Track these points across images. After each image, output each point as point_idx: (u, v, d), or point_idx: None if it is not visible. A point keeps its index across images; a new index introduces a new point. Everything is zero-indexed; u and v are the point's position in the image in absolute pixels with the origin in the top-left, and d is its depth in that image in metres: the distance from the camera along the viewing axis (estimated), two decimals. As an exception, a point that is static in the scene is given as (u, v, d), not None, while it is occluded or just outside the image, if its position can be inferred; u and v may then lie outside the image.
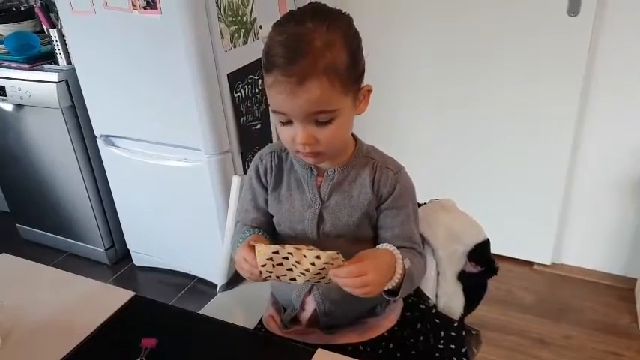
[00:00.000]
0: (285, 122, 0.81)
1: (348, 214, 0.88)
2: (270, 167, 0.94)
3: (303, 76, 0.74)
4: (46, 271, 1.05)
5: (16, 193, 2.33)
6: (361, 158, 0.90)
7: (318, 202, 0.89)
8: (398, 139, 2.03)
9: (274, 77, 0.76)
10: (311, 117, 0.78)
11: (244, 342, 0.79)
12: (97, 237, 2.17)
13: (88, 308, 0.90)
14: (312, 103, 0.76)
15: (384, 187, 0.88)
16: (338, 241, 0.90)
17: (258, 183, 0.96)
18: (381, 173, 0.88)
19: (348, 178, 0.89)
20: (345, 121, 0.82)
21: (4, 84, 1.97)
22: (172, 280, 2.08)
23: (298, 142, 0.80)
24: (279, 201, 0.93)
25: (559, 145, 1.81)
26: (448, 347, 0.97)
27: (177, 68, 1.62)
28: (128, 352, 0.79)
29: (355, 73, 0.80)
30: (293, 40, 0.75)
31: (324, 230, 0.90)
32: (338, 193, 0.89)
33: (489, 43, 1.78)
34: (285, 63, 0.74)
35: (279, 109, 0.79)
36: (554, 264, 2.03)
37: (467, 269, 1.06)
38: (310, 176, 0.90)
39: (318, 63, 0.74)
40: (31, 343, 0.84)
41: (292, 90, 0.75)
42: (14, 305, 0.88)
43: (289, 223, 0.93)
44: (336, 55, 0.75)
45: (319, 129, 0.79)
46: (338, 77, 0.76)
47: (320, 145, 0.80)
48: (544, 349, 1.67)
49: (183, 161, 1.81)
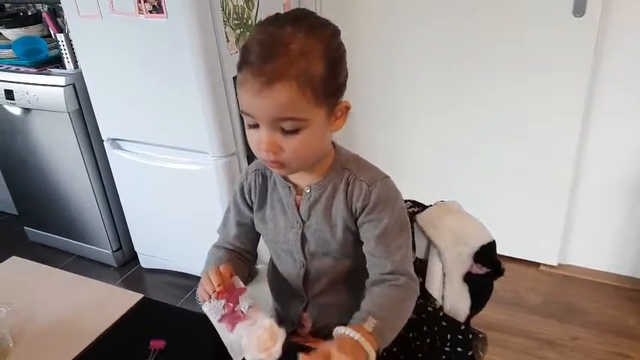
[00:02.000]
0: (252, 125, 0.77)
1: (330, 234, 0.86)
2: (254, 186, 0.92)
3: (273, 77, 0.71)
4: (56, 273, 1.06)
5: (25, 196, 2.35)
6: (338, 171, 0.85)
7: (300, 222, 0.87)
8: (402, 141, 2.03)
9: (244, 75, 0.73)
10: (276, 123, 0.74)
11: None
12: (105, 239, 2.19)
13: (97, 310, 0.91)
14: (278, 108, 0.73)
15: (357, 201, 0.83)
16: (325, 260, 0.89)
17: (242, 201, 0.94)
18: (353, 186, 0.84)
19: (325, 194, 0.85)
20: (315, 135, 0.77)
21: (12, 88, 2.00)
22: (179, 282, 2.09)
23: (262, 147, 0.76)
24: (264, 221, 0.92)
25: (565, 146, 1.80)
26: (455, 350, 0.96)
27: (183, 72, 1.63)
28: (137, 354, 0.80)
29: (331, 85, 0.76)
30: (270, 40, 0.73)
31: (310, 250, 0.88)
32: (316, 211, 0.86)
33: (493, 44, 1.78)
34: (257, 61, 0.72)
35: (246, 109, 0.76)
36: (560, 265, 2.02)
37: (473, 271, 1.05)
38: (289, 196, 0.87)
39: (290, 67, 0.71)
40: (41, 345, 0.85)
41: (260, 90, 0.72)
42: (24, 307, 0.89)
43: (275, 244, 0.92)
44: (311, 63, 0.72)
45: (285, 137, 0.75)
46: (310, 86, 0.72)
47: (284, 154, 0.76)
48: (551, 350, 1.67)
49: (189, 164, 1.82)
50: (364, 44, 1.90)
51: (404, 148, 2.01)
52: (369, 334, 0.75)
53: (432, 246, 1.05)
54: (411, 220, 1.03)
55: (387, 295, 0.82)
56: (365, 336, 0.74)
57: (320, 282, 0.91)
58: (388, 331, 0.79)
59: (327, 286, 0.87)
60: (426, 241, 1.07)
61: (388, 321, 0.79)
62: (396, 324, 0.81)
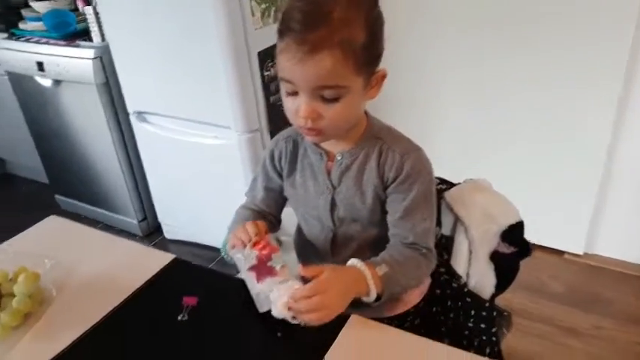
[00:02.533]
0: (290, 92, 0.78)
1: (360, 200, 0.86)
2: (285, 152, 0.93)
3: (317, 45, 0.71)
4: (92, 232, 1.10)
5: (55, 165, 2.41)
6: (370, 139, 0.86)
7: (330, 188, 0.88)
8: (431, 122, 2.01)
9: (286, 42, 0.74)
10: (317, 91, 0.75)
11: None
12: (130, 209, 2.23)
13: (132, 268, 0.95)
14: (320, 76, 0.73)
15: (389, 170, 0.84)
16: (354, 226, 0.90)
17: (272, 168, 0.95)
18: (386, 156, 0.84)
19: (357, 162, 0.86)
20: (353, 103, 0.78)
21: (42, 60, 2.03)
22: (202, 253, 2.12)
23: (301, 115, 0.77)
24: (294, 187, 0.93)
25: (598, 133, 1.75)
26: (478, 326, 0.96)
27: (208, 46, 1.62)
28: (171, 309, 0.83)
29: (371, 54, 0.77)
30: (312, 8, 0.73)
31: (338, 216, 0.89)
32: (348, 178, 0.87)
33: (531, 30, 1.73)
34: (300, 29, 0.72)
35: (286, 76, 0.76)
36: (586, 254, 1.98)
37: (500, 250, 1.05)
38: (320, 162, 0.88)
39: (334, 35, 0.71)
40: (81, 297, 0.90)
41: (302, 58, 0.72)
42: (65, 262, 0.93)
43: (304, 209, 0.93)
44: (353, 31, 0.73)
45: (324, 105, 0.76)
46: (352, 54, 0.73)
47: (322, 121, 0.77)
48: (573, 338, 1.65)
49: (213, 139, 1.83)
50: (395, 32, 1.88)
51: (431, 126, 2.01)
52: (378, 277, 0.78)
53: (459, 223, 1.05)
54: (438, 198, 1.03)
55: (406, 254, 0.85)
56: (373, 276, 0.78)
57: (347, 248, 0.92)
58: (395, 284, 0.81)
59: (355, 252, 0.87)
60: (452, 218, 1.07)
61: (399, 275, 0.82)
62: (404, 282, 0.84)
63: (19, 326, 0.83)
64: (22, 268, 0.89)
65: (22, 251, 0.94)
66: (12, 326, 0.82)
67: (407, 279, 0.84)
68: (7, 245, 1.03)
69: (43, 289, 0.88)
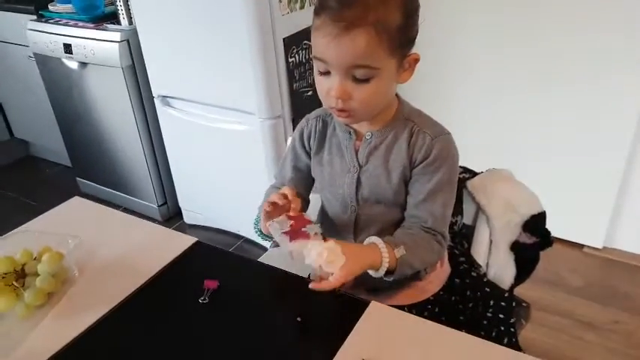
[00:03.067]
0: (323, 72, 0.79)
1: (386, 180, 0.87)
2: (314, 131, 0.94)
3: (352, 23, 0.72)
4: (115, 214, 1.12)
5: (78, 149, 2.45)
6: (401, 121, 0.87)
7: (356, 166, 0.89)
8: (456, 105, 2.00)
9: (322, 20, 0.75)
10: (350, 70, 0.76)
11: (301, 289, 0.81)
12: (151, 194, 2.27)
13: (154, 249, 0.96)
14: (354, 55, 0.74)
15: (419, 151, 0.85)
16: (377, 207, 0.90)
17: (300, 146, 0.97)
18: (417, 137, 0.85)
19: (386, 142, 0.87)
20: (384, 84, 0.79)
21: (70, 42, 2.06)
22: (221, 239, 2.16)
23: (333, 94, 0.78)
24: (321, 165, 0.94)
25: (622, 128, 1.72)
26: (497, 317, 0.97)
27: (234, 31, 1.64)
28: (192, 292, 0.84)
29: (405, 36, 0.77)
30: None
31: (363, 195, 0.90)
32: (375, 157, 0.88)
33: (556, 25, 1.71)
34: (337, 6, 0.73)
35: (320, 55, 0.77)
36: (605, 248, 1.96)
37: (521, 240, 1.05)
38: (349, 140, 0.89)
39: (369, 14, 0.72)
40: (104, 278, 0.91)
41: (338, 35, 0.73)
42: (88, 242, 0.94)
43: (330, 187, 0.94)
44: (389, 12, 0.73)
45: (356, 86, 0.77)
46: (387, 35, 0.73)
47: (353, 102, 0.78)
48: (590, 332, 1.64)
49: (236, 124, 1.85)
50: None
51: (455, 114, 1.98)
52: (395, 259, 0.81)
53: (481, 212, 1.05)
54: (460, 186, 1.03)
55: (424, 238, 0.86)
56: (391, 257, 0.81)
57: (370, 229, 0.92)
58: (407, 267, 0.84)
59: (377, 233, 0.89)
60: (474, 207, 1.07)
61: (413, 259, 0.84)
62: (416, 266, 0.86)
63: (43, 305, 0.84)
64: (46, 248, 0.89)
65: (46, 231, 0.95)
66: (35, 305, 0.83)
67: (420, 262, 0.87)
68: (31, 224, 1.05)
69: (67, 269, 0.89)
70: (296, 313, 0.80)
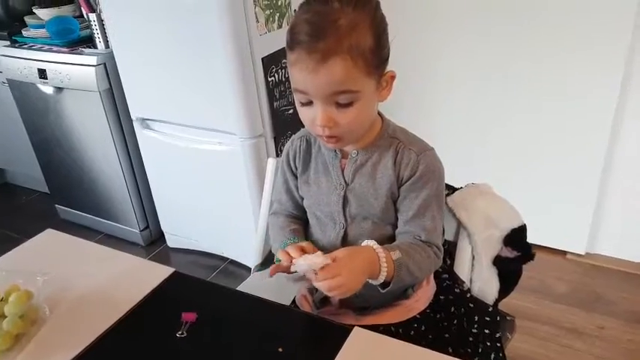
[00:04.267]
0: (305, 102, 0.80)
1: (373, 197, 0.88)
2: (299, 151, 0.95)
3: (327, 54, 0.73)
4: (90, 246, 1.09)
5: (56, 175, 2.41)
6: (386, 139, 0.89)
7: (343, 184, 0.90)
8: (430, 121, 2.01)
9: (297, 54, 0.76)
10: (332, 97, 0.77)
11: (282, 318, 0.81)
12: (133, 218, 2.24)
13: (130, 283, 0.93)
14: (333, 83, 0.75)
15: (405, 168, 0.86)
16: (365, 224, 0.91)
17: (287, 167, 0.98)
18: (402, 154, 0.87)
19: (372, 160, 0.89)
20: (367, 105, 0.81)
21: (45, 67, 2.03)
22: (205, 261, 2.13)
23: (318, 123, 0.79)
24: (307, 184, 0.95)
25: (598, 133, 1.76)
26: (482, 332, 0.96)
27: (212, 52, 1.63)
28: (169, 326, 0.82)
29: (379, 56, 0.79)
30: (318, 18, 0.75)
31: (351, 213, 0.90)
32: (361, 175, 0.89)
33: (526, 26, 1.73)
34: (309, 40, 0.74)
35: (300, 87, 0.79)
36: (588, 254, 1.98)
37: (502, 254, 1.05)
38: (335, 159, 0.91)
39: (342, 42, 0.73)
40: (76, 314, 0.87)
41: (315, 68, 0.74)
42: (60, 278, 0.91)
43: (317, 206, 0.94)
44: (361, 36, 0.75)
45: (339, 111, 0.79)
46: (362, 58, 0.75)
47: (339, 128, 0.80)
48: (577, 339, 1.65)
49: (217, 145, 1.83)
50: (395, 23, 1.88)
51: (431, 130, 1.99)
52: (391, 260, 0.81)
53: (462, 228, 1.05)
54: (441, 203, 1.02)
55: (417, 246, 0.87)
56: (387, 259, 0.80)
57: None
58: (405, 271, 0.83)
59: None
60: (455, 223, 1.07)
61: (411, 263, 0.84)
62: (414, 271, 0.85)
63: (11, 349, 0.79)
64: (14, 287, 0.85)
65: (15, 268, 0.91)
66: (2, 350, 0.78)
67: (417, 268, 0.86)
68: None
69: (37, 308, 0.85)
70: (277, 343, 0.78)
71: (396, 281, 0.82)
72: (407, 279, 0.85)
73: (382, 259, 0.80)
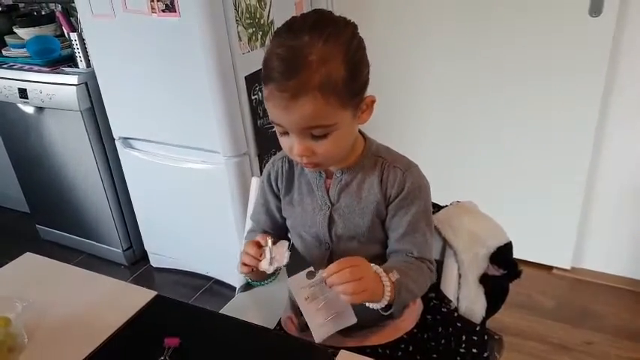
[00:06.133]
0: (282, 132, 0.81)
1: (359, 216, 0.88)
2: (281, 173, 0.95)
3: (297, 92, 0.73)
4: (70, 270, 1.06)
5: (37, 194, 2.37)
6: (370, 158, 0.89)
7: (328, 204, 0.89)
8: (414, 140, 2.03)
9: (270, 90, 0.76)
10: (306, 131, 0.78)
11: (266, 342, 0.79)
12: (115, 238, 2.20)
13: (111, 307, 0.91)
14: (305, 119, 0.75)
15: (392, 186, 0.86)
16: (351, 243, 0.90)
17: (269, 189, 0.97)
18: (388, 173, 0.87)
19: (357, 179, 0.88)
20: (344, 134, 0.80)
21: (25, 87, 2.01)
22: (189, 281, 2.09)
23: (295, 153, 0.80)
24: (291, 205, 0.94)
25: (580, 148, 1.78)
26: (470, 351, 0.96)
27: (195, 71, 1.63)
28: (151, 351, 0.80)
29: (354, 86, 0.78)
30: (289, 54, 0.74)
31: (337, 233, 0.90)
32: (347, 194, 0.89)
33: (507, 43, 1.76)
34: (280, 78, 0.74)
35: (276, 120, 0.79)
36: (574, 268, 1.99)
37: (489, 272, 1.05)
38: (319, 179, 0.90)
39: (311, 79, 0.73)
40: (56, 341, 0.85)
41: (286, 105, 0.74)
42: (39, 303, 0.89)
43: (302, 227, 0.93)
44: (332, 69, 0.74)
45: (316, 142, 0.79)
46: (333, 93, 0.74)
47: (317, 156, 0.80)
48: (565, 355, 1.64)
49: (200, 163, 1.82)
50: (377, 41, 1.90)
51: (415, 149, 2.00)
52: (391, 282, 0.80)
53: (448, 247, 1.04)
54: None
55: (411, 263, 0.87)
56: (389, 280, 0.79)
57: None
58: (405, 290, 0.82)
59: None
60: (441, 241, 1.06)
61: (409, 281, 0.83)
62: (413, 289, 0.85)
63: None
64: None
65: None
66: None
67: (416, 286, 0.86)
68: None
69: (15, 335, 0.82)
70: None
71: (398, 302, 0.81)
72: (408, 299, 0.85)
73: (385, 280, 0.79)
